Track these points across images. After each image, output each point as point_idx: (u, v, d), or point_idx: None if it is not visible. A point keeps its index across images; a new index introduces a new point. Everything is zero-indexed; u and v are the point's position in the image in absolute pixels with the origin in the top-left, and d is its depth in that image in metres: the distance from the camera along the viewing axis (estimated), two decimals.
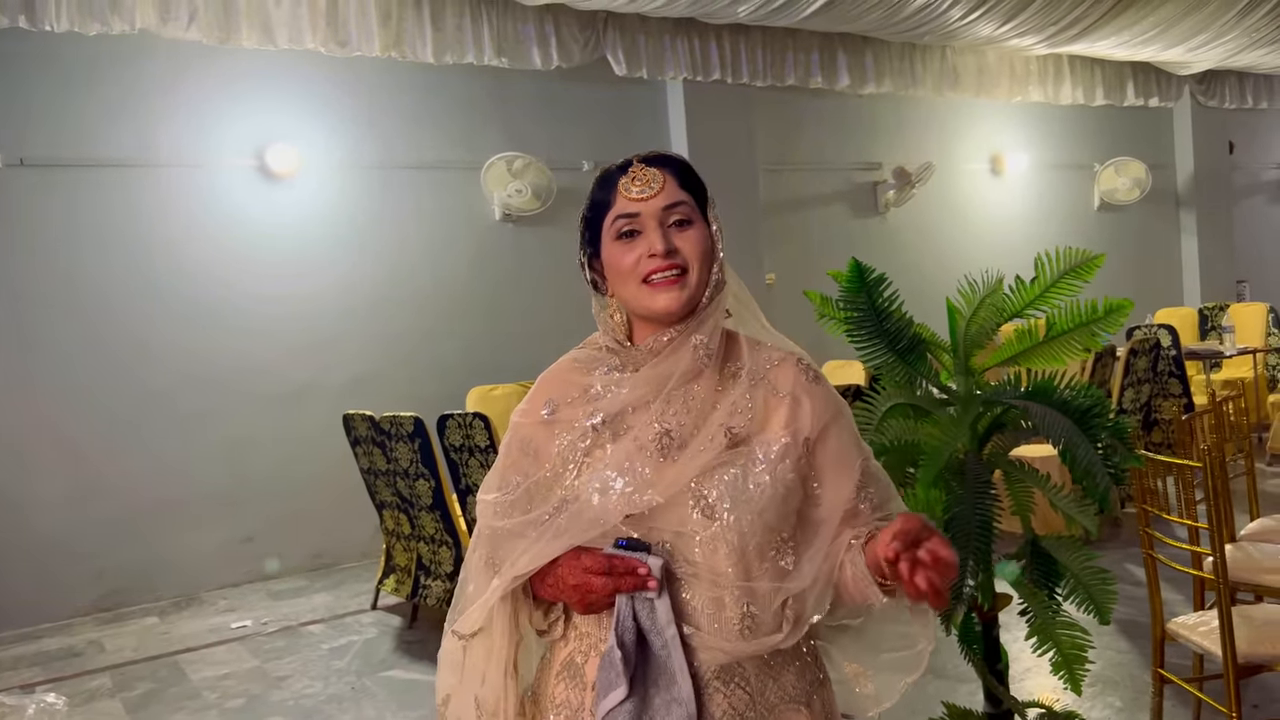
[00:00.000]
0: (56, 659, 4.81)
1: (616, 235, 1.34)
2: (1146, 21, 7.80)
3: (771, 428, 1.33)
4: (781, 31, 7.34)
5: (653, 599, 1.25)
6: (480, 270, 6.67)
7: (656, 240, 1.32)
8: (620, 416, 1.34)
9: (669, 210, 1.34)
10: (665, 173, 1.35)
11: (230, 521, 5.83)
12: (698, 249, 1.34)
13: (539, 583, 1.32)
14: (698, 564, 1.28)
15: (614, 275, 1.36)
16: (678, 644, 1.25)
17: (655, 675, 1.26)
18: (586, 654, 1.33)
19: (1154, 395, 6.23)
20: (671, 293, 1.32)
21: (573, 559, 1.28)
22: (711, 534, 1.28)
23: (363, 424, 4.89)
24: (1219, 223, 10.36)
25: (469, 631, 1.37)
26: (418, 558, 4.93)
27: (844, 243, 7.83)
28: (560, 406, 1.38)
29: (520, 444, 1.40)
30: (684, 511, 1.29)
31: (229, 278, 5.86)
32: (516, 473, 1.38)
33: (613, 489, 1.29)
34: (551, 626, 1.38)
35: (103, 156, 5.55)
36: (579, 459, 1.33)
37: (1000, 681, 2.37)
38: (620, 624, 1.25)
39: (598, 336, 1.43)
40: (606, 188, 1.37)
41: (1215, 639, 2.67)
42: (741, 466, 1.30)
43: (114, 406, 5.57)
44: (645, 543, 1.27)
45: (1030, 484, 2.31)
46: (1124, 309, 2.20)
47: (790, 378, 1.37)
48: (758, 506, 1.28)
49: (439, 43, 6.09)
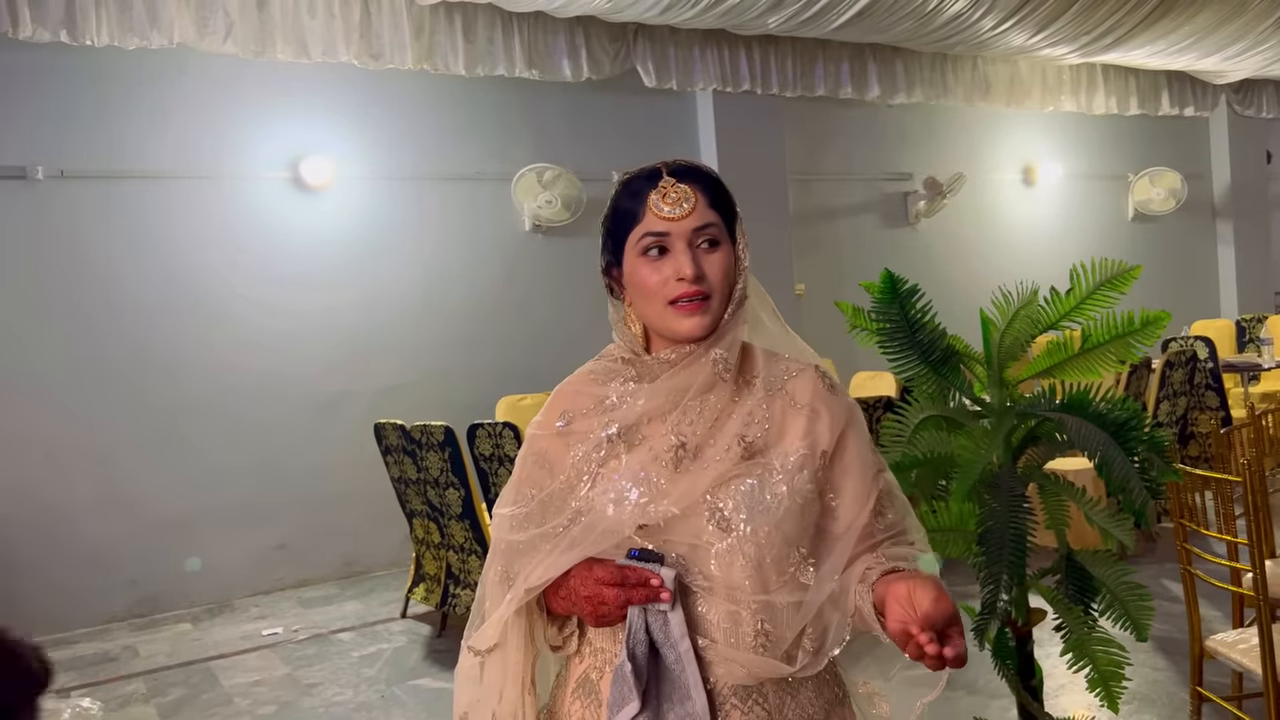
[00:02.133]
0: (91, 664, 4.87)
1: (643, 251, 1.32)
2: (1181, 30, 7.72)
3: (789, 439, 1.32)
4: (811, 42, 7.33)
5: (666, 611, 1.23)
6: (510, 281, 6.70)
7: (685, 264, 1.30)
8: (635, 427, 1.33)
9: (699, 232, 1.32)
10: (696, 190, 1.32)
11: (263, 529, 5.88)
12: (722, 272, 1.32)
13: (553, 596, 1.31)
14: (713, 577, 1.26)
15: (637, 291, 1.34)
16: (691, 657, 1.23)
17: (669, 690, 1.24)
18: (602, 670, 1.31)
19: (1190, 408, 6.14)
20: (695, 318, 1.30)
21: (585, 570, 1.25)
22: (728, 546, 1.26)
23: (393, 433, 4.92)
24: (1256, 233, 10.21)
25: (485, 647, 1.36)
26: (447, 566, 4.95)
27: (874, 253, 7.80)
28: (575, 418, 1.37)
29: (536, 457, 1.39)
30: (699, 523, 1.27)
31: (264, 288, 5.93)
32: (531, 485, 1.37)
33: (627, 500, 1.28)
34: (566, 642, 1.36)
35: (140, 169, 5.64)
36: (594, 470, 1.32)
37: (1034, 698, 2.34)
38: (632, 636, 1.23)
39: (614, 348, 1.42)
40: (635, 199, 1.33)
41: (1255, 657, 2.63)
42: (759, 477, 1.28)
43: (150, 415, 5.64)
44: (659, 553, 1.25)
45: (1065, 497, 2.29)
46: (1161, 321, 2.17)
47: (809, 389, 1.36)
48: (775, 518, 1.27)
49: (470, 55, 6.14)
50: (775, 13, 6.45)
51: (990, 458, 2.20)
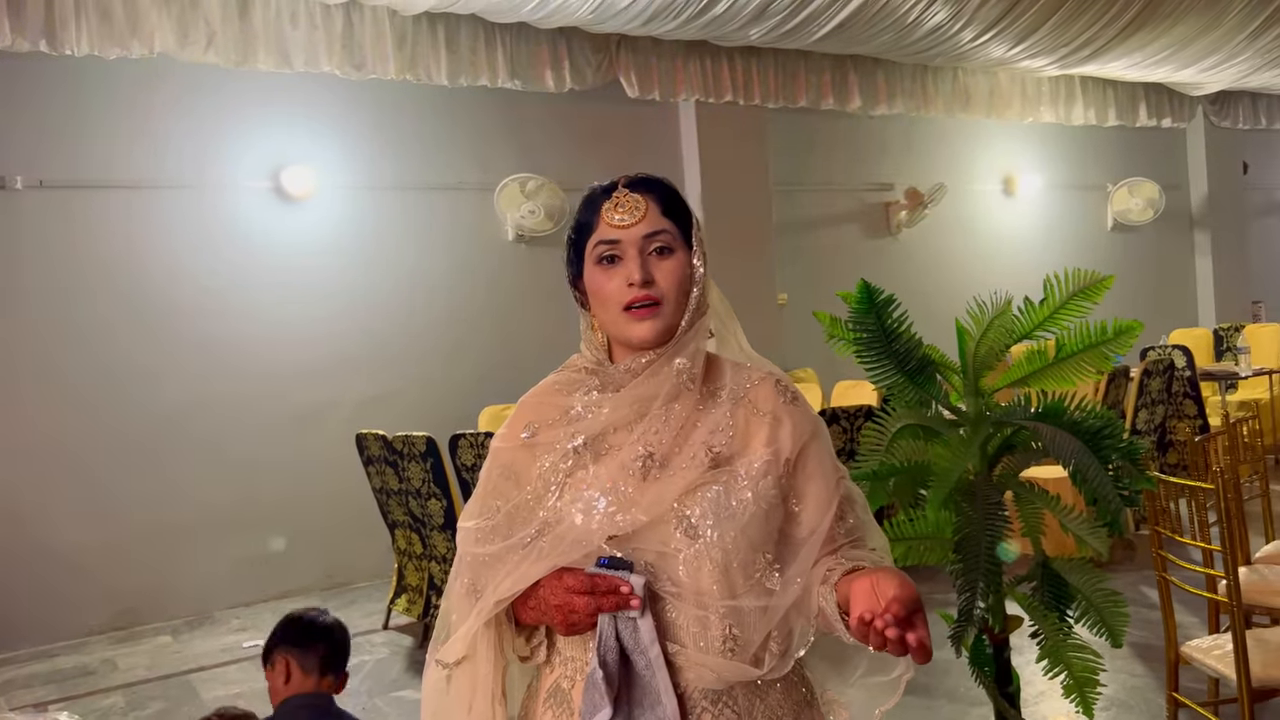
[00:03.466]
0: (70, 677, 4.83)
1: (597, 260, 1.36)
2: (1159, 43, 7.81)
3: (753, 446, 1.34)
4: (793, 53, 7.38)
5: (635, 618, 1.24)
6: (493, 290, 6.70)
7: (635, 270, 1.33)
8: (601, 437, 1.34)
9: (649, 239, 1.34)
10: (649, 199, 1.36)
11: (243, 541, 5.85)
12: (675, 278, 1.34)
13: (521, 607, 1.31)
14: (682, 583, 1.28)
15: (594, 299, 1.37)
16: (662, 663, 1.25)
17: (640, 695, 1.25)
18: (573, 679, 1.32)
19: (1169, 416, 6.19)
20: (647, 323, 1.33)
21: (555, 579, 1.27)
22: (695, 552, 1.27)
23: (375, 444, 4.91)
24: (1234, 243, 10.32)
25: (453, 660, 1.36)
26: (429, 577, 4.93)
27: (856, 263, 7.82)
28: (541, 429, 1.38)
29: (501, 469, 1.39)
30: (667, 531, 1.28)
31: (245, 298, 5.91)
32: (497, 497, 1.38)
33: (596, 509, 1.29)
34: (534, 652, 1.37)
35: (121, 178, 5.62)
36: (561, 480, 1.33)
37: (1012, 705, 2.36)
38: (603, 644, 1.24)
39: (577, 359, 1.44)
40: (591, 210, 1.38)
41: (1230, 663, 2.65)
42: (724, 484, 1.30)
43: (129, 426, 5.61)
44: (628, 561, 1.26)
45: (1041, 505, 2.31)
46: (1134, 330, 2.20)
47: (770, 397, 1.37)
48: (741, 523, 1.29)
49: (453, 65, 6.15)
50: (757, 24, 6.49)
51: (966, 466, 2.22)
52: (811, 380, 6.95)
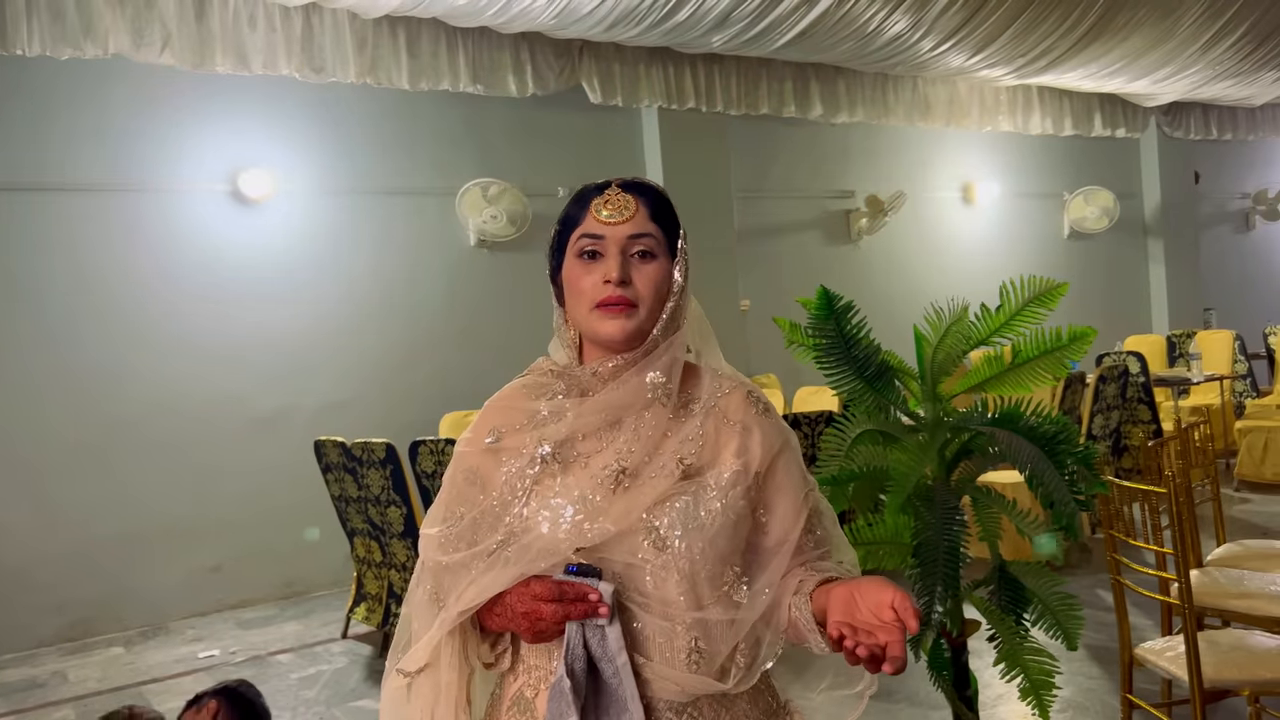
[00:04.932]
0: (18, 690, 4.72)
1: (578, 253, 1.34)
2: (1113, 54, 7.95)
3: (723, 456, 1.33)
4: (755, 61, 7.42)
5: (604, 626, 1.23)
6: (455, 296, 6.66)
7: (614, 267, 1.31)
8: (569, 445, 1.33)
9: (633, 240, 1.33)
10: (640, 201, 1.35)
11: (199, 549, 5.75)
12: (652, 284, 1.33)
13: (487, 614, 1.30)
14: (649, 594, 1.27)
15: (570, 293, 1.36)
16: (629, 671, 1.24)
17: (607, 704, 1.24)
18: (536, 687, 1.30)
19: (1123, 421, 6.29)
20: (618, 321, 1.31)
21: (522, 586, 1.25)
22: (662, 563, 1.27)
23: (334, 450, 4.85)
24: (1186, 251, 10.52)
25: (414, 668, 1.34)
26: (389, 585, 4.88)
27: (817, 270, 7.88)
28: (506, 434, 1.36)
29: (466, 474, 1.37)
30: (635, 542, 1.27)
31: (200, 303, 5.82)
32: (462, 503, 1.36)
33: (563, 519, 1.28)
34: (499, 659, 1.35)
35: (74, 181, 5.52)
36: (528, 487, 1.32)
37: (970, 708, 2.38)
38: (570, 652, 1.23)
39: (543, 362, 1.43)
40: (581, 204, 1.37)
41: (1182, 664, 2.69)
42: (693, 495, 1.29)
43: (79, 434, 5.50)
44: (596, 568, 1.25)
45: (998, 510, 2.33)
46: (1088, 336, 2.24)
47: (740, 407, 1.37)
48: (709, 534, 1.28)
49: (414, 69, 6.11)
50: (719, 32, 6.51)
51: (924, 471, 2.24)
52: (774, 386, 6.98)
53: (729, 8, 6.17)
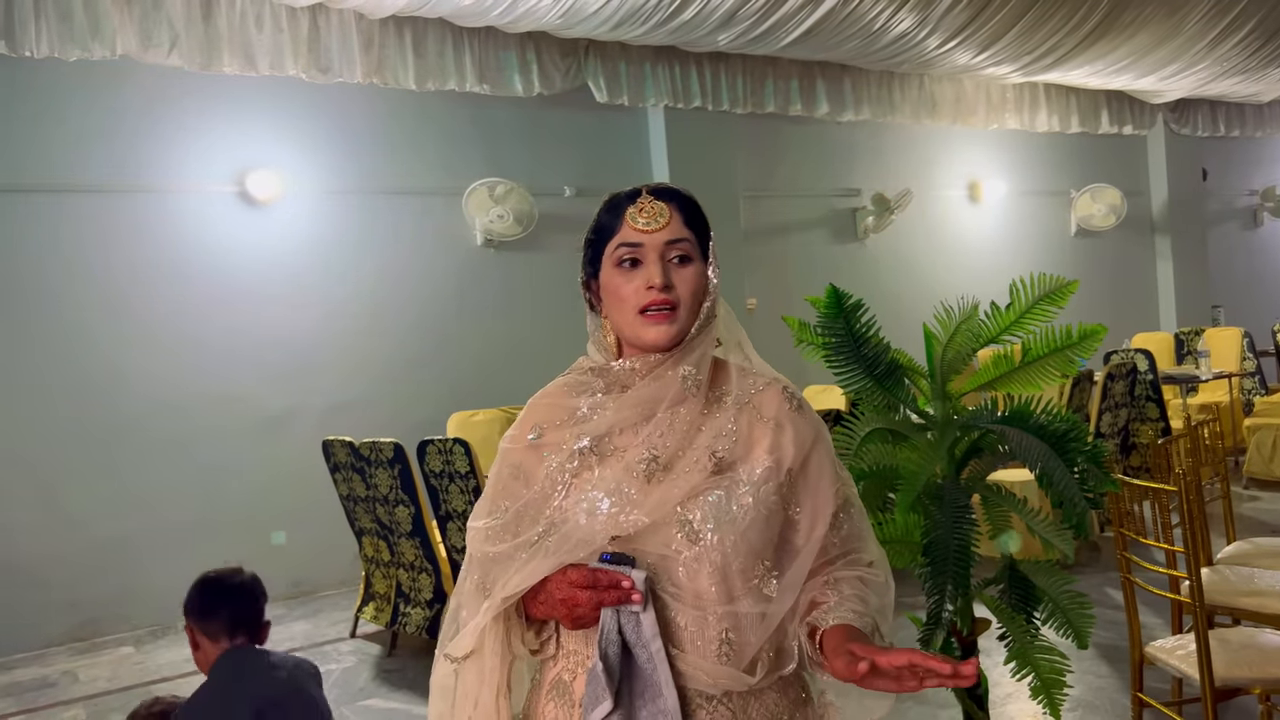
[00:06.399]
0: (29, 689, 4.74)
1: (617, 262, 1.39)
2: (1120, 51, 7.93)
3: (756, 452, 1.37)
4: (761, 59, 7.41)
5: (638, 612, 1.27)
6: (462, 296, 6.67)
7: (655, 274, 1.36)
8: (607, 439, 1.38)
9: (671, 245, 1.38)
10: (672, 208, 1.40)
11: (208, 549, 5.74)
12: (691, 287, 1.39)
13: (530, 601, 1.34)
14: (681, 586, 1.31)
15: (611, 301, 1.41)
16: (663, 657, 1.27)
17: (641, 688, 1.28)
18: (574, 672, 1.35)
19: (1131, 419, 6.27)
20: (661, 327, 1.37)
21: (560, 574, 1.30)
22: (695, 555, 1.31)
23: (342, 450, 4.86)
24: (1193, 249, 10.50)
25: (461, 654, 1.39)
26: (397, 585, 4.89)
27: (824, 268, 7.88)
28: (547, 430, 1.41)
29: (510, 469, 1.43)
30: (669, 534, 1.32)
31: (209, 304, 5.83)
32: (506, 497, 1.41)
33: (600, 510, 1.32)
34: (544, 645, 1.40)
35: (82, 182, 5.53)
36: (567, 481, 1.37)
37: (980, 707, 2.37)
38: (605, 637, 1.27)
39: (584, 360, 1.48)
40: (614, 214, 1.41)
41: (1193, 663, 2.68)
42: (726, 489, 1.33)
43: (90, 435, 5.52)
44: (630, 557, 1.29)
45: (1008, 508, 2.33)
46: (1098, 334, 2.23)
47: (774, 404, 1.41)
48: (741, 527, 1.32)
49: (420, 69, 6.12)
50: (725, 30, 6.51)
51: (934, 469, 2.23)
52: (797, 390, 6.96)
53: (734, 6, 6.16)
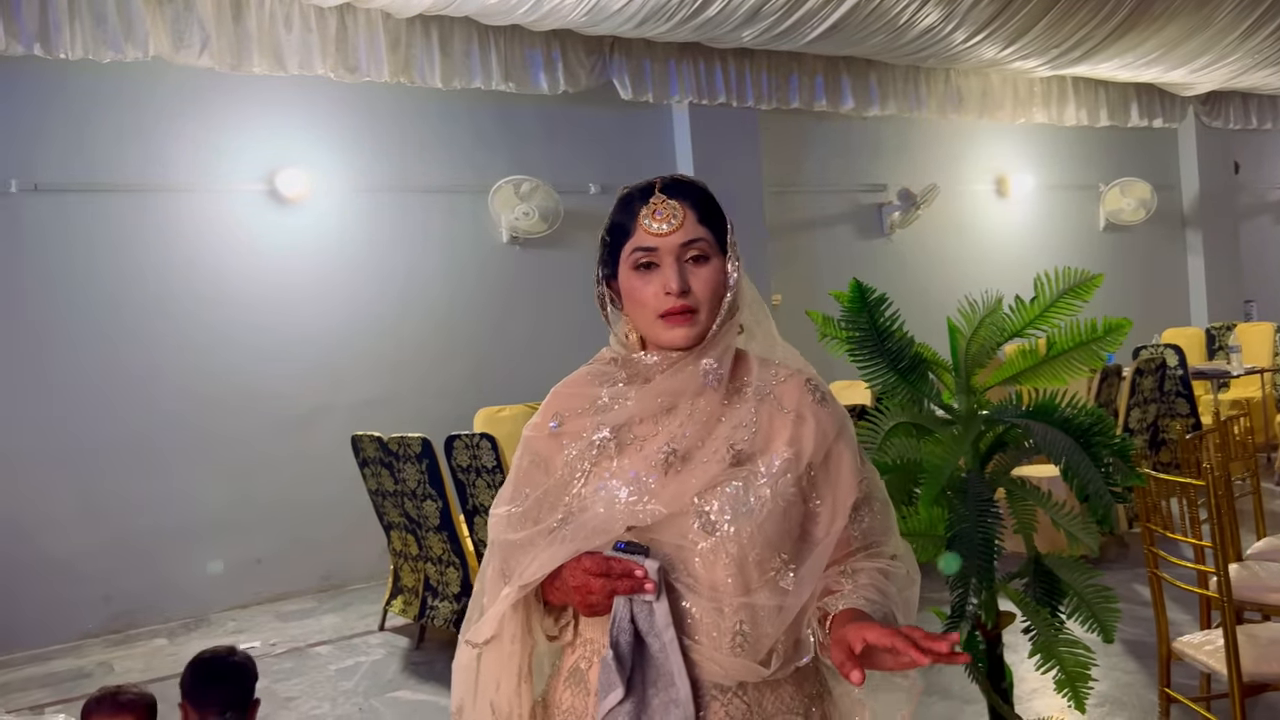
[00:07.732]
0: (65, 680, 4.83)
1: (634, 266, 1.38)
2: (1150, 43, 7.85)
3: (775, 444, 1.36)
4: (786, 55, 7.40)
5: (651, 602, 1.27)
6: (488, 292, 6.71)
7: (672, 279, 1.35)
8: (627, 428, 1.38)
9: (686, 247, 1.37)
10: (686, 206, 1.37)
11: (239, 543, 5.85)
12: (710, 286, 1.38)
13: (549, 587, 1.35)
14: (698, 577, 1.31)
15: (630, 302, 1.41)
16: (676, 647, 1.27)
17: (654, 676, 1.28)
18: (591, 660, 1.36)
19: (1160, 415, 6.22)
20: (682, 329, 1.36)
21: (574, 562, 1.30)
22: (711, 546, 1.30)
23: (371, 445, 4.91)
24: (1225, 243, 10.36)
25: (482, 640, 1.40)
26: (425, 579, 4.94)
27: (850, 264, 7.85)
28: (568, 419, 1.42)
29: (532, 457, 1.44)
30: (685, 524, 1.31)
31: (239, 301, 5.91)
32: (528, 485, 1.42)
33: (618, 499, 1.33)
34: (563, 631, 1.41)
35: (115, 181, 5.62)
36: (586, 469, 1.37)
37: (1005, 700, 2.38)
38: (617, 625, 1.27)
39: (606, 351, 1.47)
40: (627, 213, 1.40)
41: (1221, 658, 2.67)
42: (744, 480, 1.33)
43: (125, 430, 5.61)
44: (644, 546, 1.29)
45: (1033, 502, 2.33)
46: (1123, 328, 2.23)
47: (795, 395, 1.40)
48: (758, 519, 1.31)
49: (447, 68, 6.17)
50: (750, 26, 6.51)
51: (958, 463, 2.24)
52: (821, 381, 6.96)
53: (759, 3, 6.16)
